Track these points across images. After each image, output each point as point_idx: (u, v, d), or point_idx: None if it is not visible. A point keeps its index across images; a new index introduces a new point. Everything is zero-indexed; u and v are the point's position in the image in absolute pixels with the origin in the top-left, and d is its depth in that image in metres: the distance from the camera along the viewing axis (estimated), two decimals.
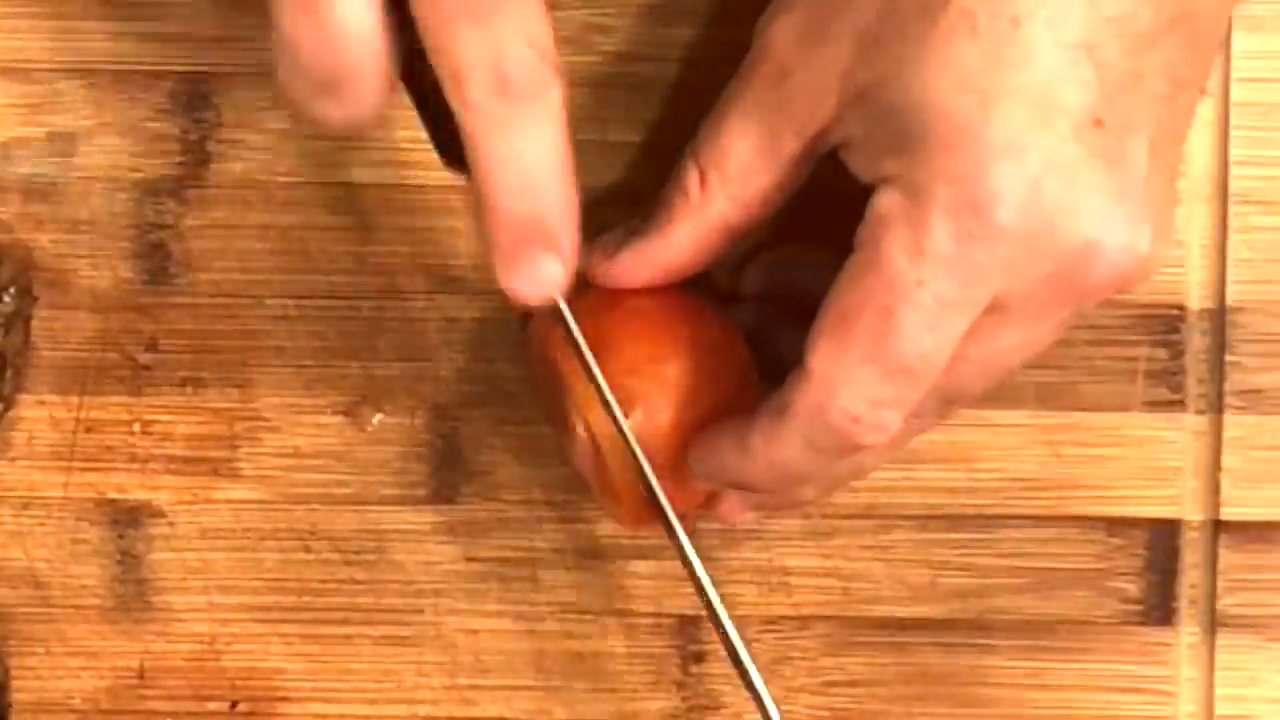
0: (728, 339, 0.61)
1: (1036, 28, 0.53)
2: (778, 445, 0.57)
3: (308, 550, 0.65)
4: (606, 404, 0.58)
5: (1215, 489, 0.65)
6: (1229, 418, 0.64)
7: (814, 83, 0.56)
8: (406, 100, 0.56)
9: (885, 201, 0.55)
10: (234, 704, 0.65)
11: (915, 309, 0.54)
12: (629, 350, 0.59)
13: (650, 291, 0.60)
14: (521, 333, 0.64)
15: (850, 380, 0.55)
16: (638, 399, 0.59)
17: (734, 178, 0.58)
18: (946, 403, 0.58)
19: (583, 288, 0.60)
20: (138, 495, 0.65)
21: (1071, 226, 0.54)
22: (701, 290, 0.61)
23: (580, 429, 0.61)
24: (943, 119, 0.54)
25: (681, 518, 0.59)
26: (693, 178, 0.59)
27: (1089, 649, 0.65)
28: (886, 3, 0.55)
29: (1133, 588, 0.65)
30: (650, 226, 0.59)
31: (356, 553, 0.65)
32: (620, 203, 0.63)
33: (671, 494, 0.60)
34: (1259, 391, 0.64)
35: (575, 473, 0.63)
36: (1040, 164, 0.54)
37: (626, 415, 0.59)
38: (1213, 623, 0.65)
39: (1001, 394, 0.63)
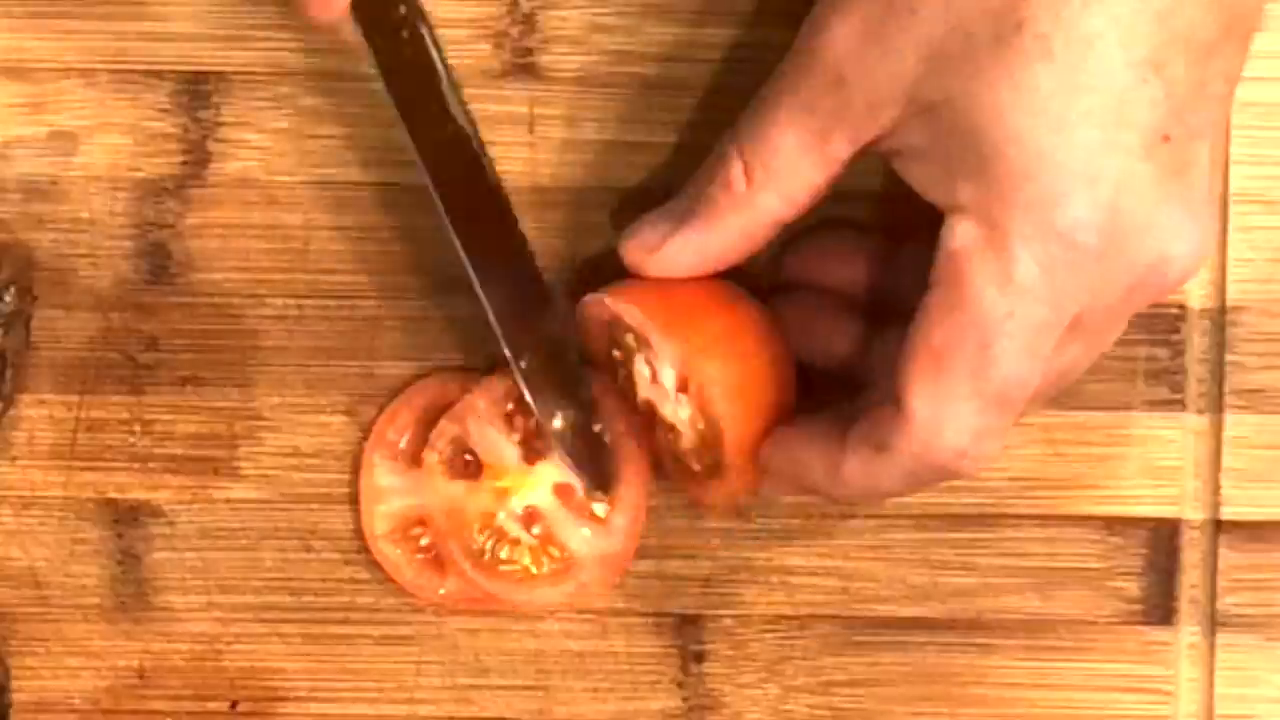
0: (769, 330, 0.61)
1: (1109, 48, 0.53)
2: (876, 478, 0.57)
3: (308, 550, 0.65)
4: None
5: (1215, 489, 0.65)
6: (1229, 417, 0.64)
7: (875, 93, 0.56)
8: None
9: (962, 233, 0.55)
10: (234, 704, 0.65)
11: (1010, 339, 0.55)
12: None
13: (692, 281, 0.60)
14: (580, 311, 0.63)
15: (953, 417, 0.55)
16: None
17: (781, 174, 0.58)
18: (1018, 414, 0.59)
19: (627, 276, 0.60)
20: (138, 495, 0.65)
21: (1146, 243, 0.55)
22: (734, 280, 0.61)
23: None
24: (1016, 144, 0.54)
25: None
26: (737, 170, 0.59)
27: (1089, 649, 0.65)
28: (955, 20, 0.54)
29: (1133, 587, 0.65)
30: (693, 217, 0.59)
31: (357, 552, 0.65)
32: (628, 202, 0.63)
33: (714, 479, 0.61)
34: (1259, 391, 0.64)
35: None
36: (1114, 186, 0.54)
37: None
38: (1213, 623, 0.65)
39: None
